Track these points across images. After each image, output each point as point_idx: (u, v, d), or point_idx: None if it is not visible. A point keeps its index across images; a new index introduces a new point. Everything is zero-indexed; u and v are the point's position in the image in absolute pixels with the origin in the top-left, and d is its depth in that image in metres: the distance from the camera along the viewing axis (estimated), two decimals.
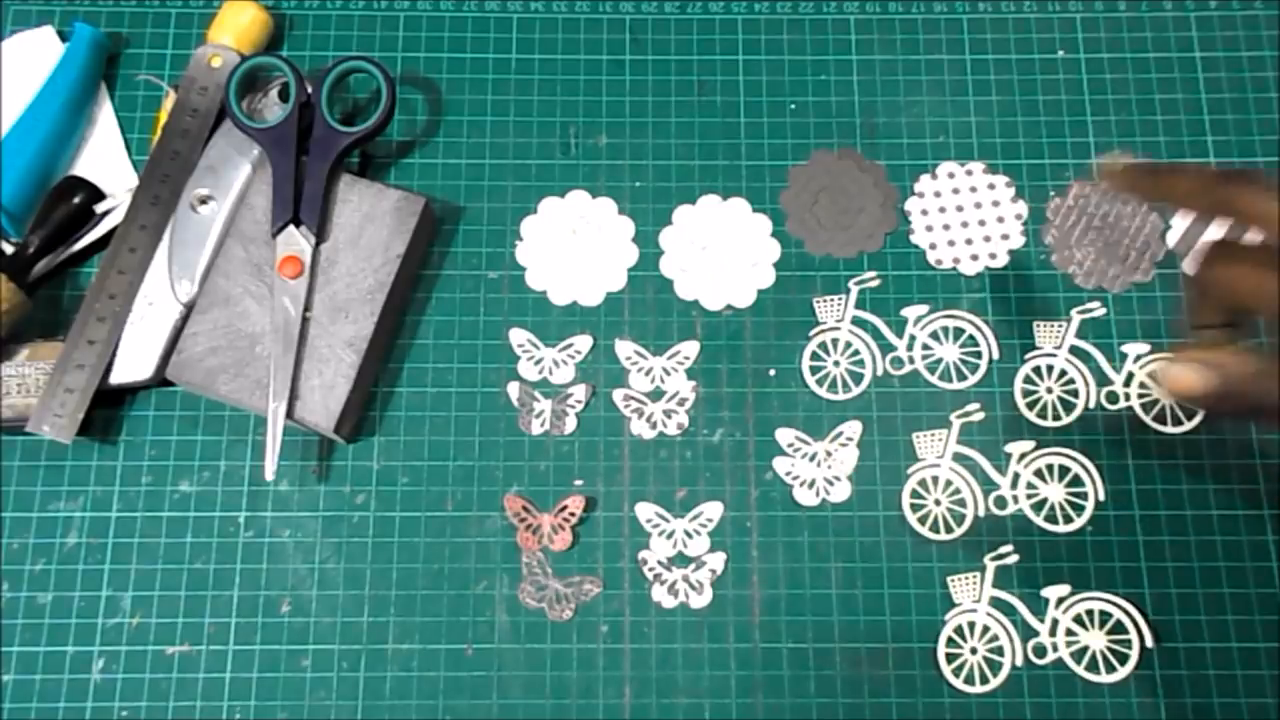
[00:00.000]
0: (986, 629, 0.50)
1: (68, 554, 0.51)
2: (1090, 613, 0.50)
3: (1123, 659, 0.50)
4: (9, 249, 0.53)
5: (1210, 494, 0.52)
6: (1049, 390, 0.53)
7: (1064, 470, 0.52)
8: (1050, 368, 0.54)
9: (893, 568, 0.51)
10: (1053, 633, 0.50)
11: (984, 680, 0.49)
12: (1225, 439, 0.53)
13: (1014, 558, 0.51)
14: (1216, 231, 0.40)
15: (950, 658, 0.50)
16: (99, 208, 0.54)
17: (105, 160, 0.56)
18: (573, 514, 0.51)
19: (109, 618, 0.50)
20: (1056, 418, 0.53)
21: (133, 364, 0.51)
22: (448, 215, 0.56)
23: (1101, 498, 0.52)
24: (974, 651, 0.50)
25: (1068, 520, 0.52)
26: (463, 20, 0.59)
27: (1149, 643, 0.50)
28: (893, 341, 0.54)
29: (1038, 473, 0.52)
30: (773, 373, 0.54)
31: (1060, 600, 0.50)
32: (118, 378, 0.51)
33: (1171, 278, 0.55)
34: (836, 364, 0.54)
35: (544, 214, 0.56)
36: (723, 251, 0.55)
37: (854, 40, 0.59)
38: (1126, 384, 0.53)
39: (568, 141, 0.57)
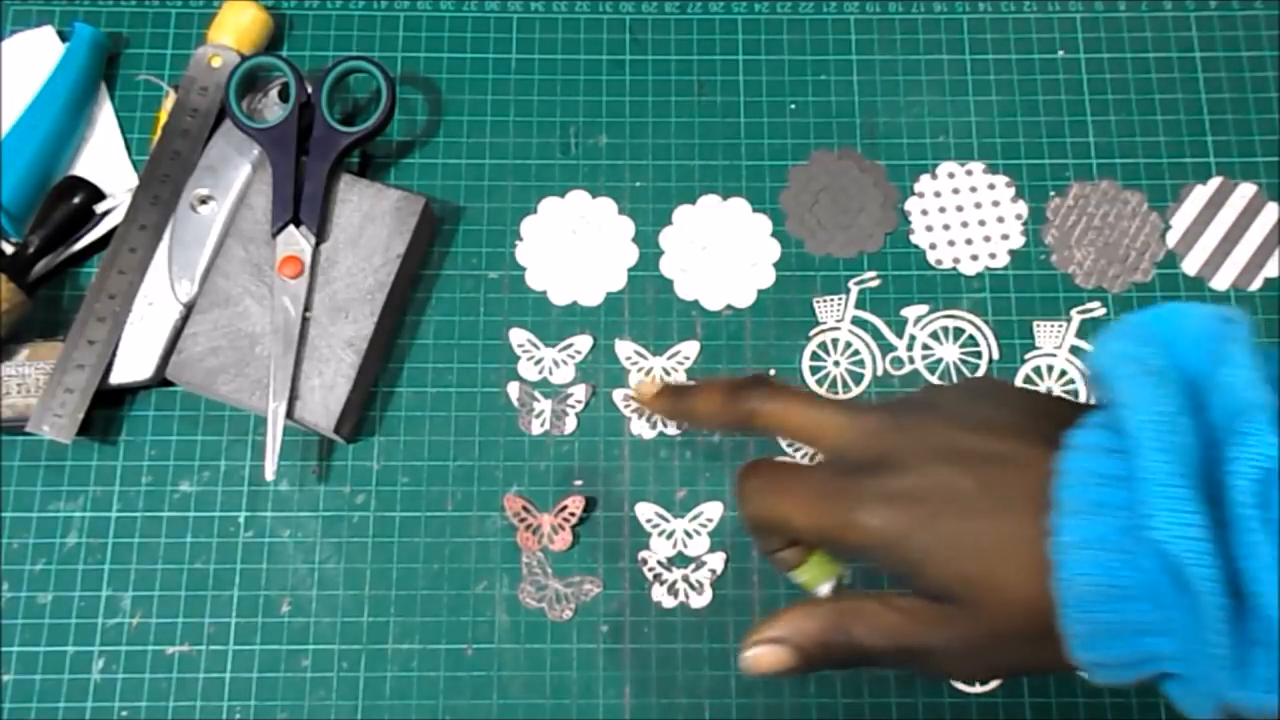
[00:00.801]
0: None
1: (68, 554, 0.51)
2: None
3: None
4: (9, 249, 0.53)
5: None
6: (1049, 390, 0.53)
7: None
8: (1050, 368, 0.54)
9: None
10: None
11: (984, 680, 0.49)
12: None
13: None
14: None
15: None
16: (99, 208, 0.54)
17: (105, 160, 0.56)
18: (573, 514, 0.51)
19: (109, 618, 0.50)
20: None
21: (133, 364, 0.51)
22: (448, 215, 0.56)
23: None
24: None
25: None
26: (463, 20, 0.59)
27: None
28: (893, 341, 0.54)
29: None
30: (773, 372, 0.53)
31: None
32: (118, 378, 0.51)
33: (1171, 278, 0.55)
34: (836, 364, 0.54)
35: (544, 214, 0.56)
36: (723, 251, 0.55)
37: (854, 40, 0.59)
38: None
39: (568, 141, 0.57)
